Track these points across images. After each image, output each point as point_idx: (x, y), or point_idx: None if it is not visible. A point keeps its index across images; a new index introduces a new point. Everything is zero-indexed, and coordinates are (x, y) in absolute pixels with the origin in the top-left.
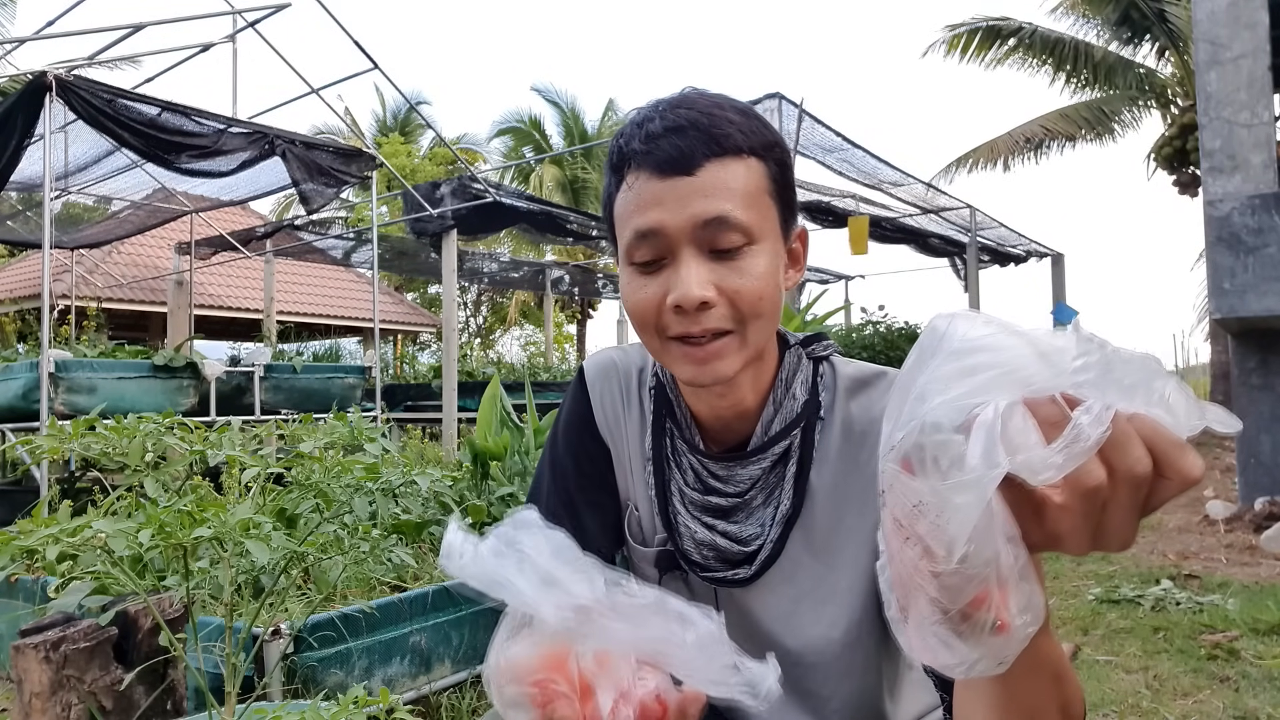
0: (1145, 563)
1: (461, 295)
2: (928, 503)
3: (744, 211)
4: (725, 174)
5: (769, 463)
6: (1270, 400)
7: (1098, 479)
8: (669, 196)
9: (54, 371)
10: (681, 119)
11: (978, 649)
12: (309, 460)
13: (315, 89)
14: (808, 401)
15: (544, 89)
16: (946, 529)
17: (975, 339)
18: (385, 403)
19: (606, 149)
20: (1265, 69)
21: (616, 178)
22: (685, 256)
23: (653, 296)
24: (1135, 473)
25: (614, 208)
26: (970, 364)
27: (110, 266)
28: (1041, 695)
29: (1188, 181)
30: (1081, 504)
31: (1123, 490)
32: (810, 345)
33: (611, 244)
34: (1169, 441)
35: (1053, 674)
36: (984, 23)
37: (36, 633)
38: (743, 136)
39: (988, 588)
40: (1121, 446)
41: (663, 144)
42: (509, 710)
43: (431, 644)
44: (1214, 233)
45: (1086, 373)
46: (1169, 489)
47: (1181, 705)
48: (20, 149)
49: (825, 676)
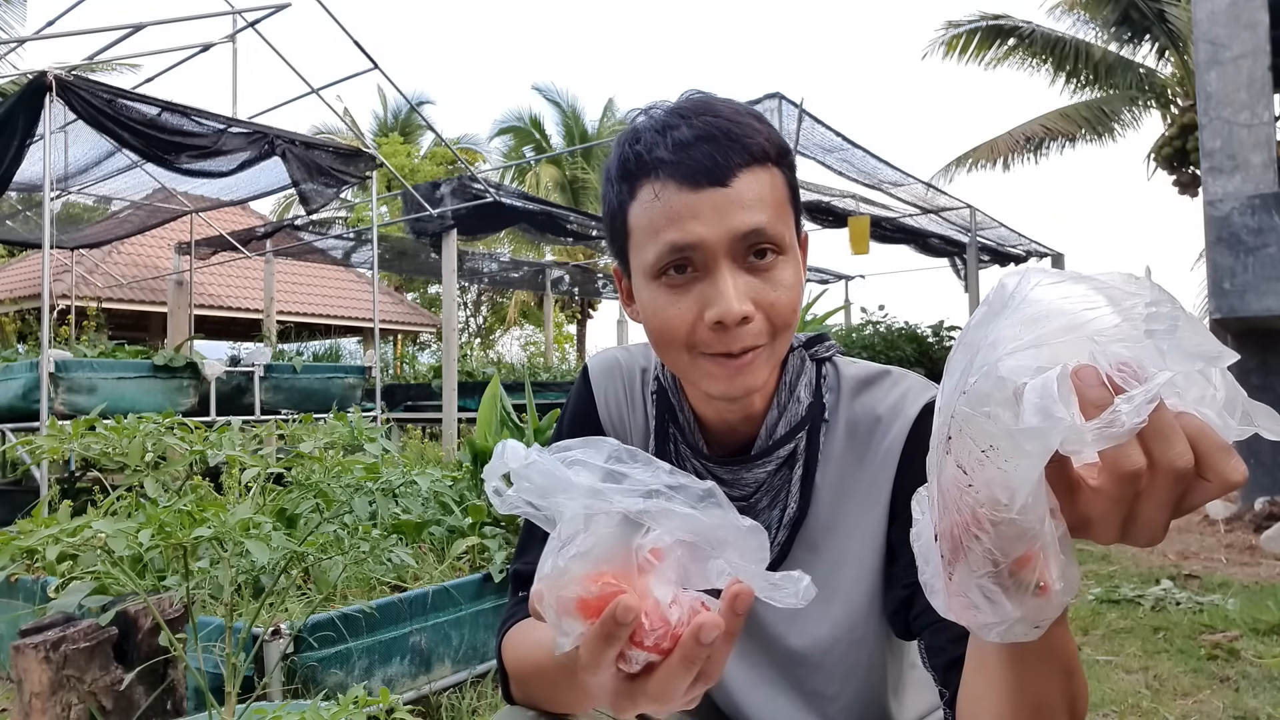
0: (1145, 563)
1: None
2: (1000, 446)
3: (776, 223)
4: (757, 184)
5: (774, 466)
6: (1270, 400)
7: (1136, 464)
8: (705, 209)
9: (54, 371)
10: (711, 126)
11: (1019, 608)
12: (309, 460)
13: (315, 89)
14: (812, 404)
15: (544, 88)
16: (1013, 475)
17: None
18: (385, 403)
19: (607, 150)
20: (1265, 69)
21: (630, 186)
22: (723, 270)
23: (686, 312)
24: (1175, 466)
25: (629, 217)
26: (1039, 313)
27: (110, 266)
28: (1051, 687)
29: (1188, 181)
30: (1117, 489)
31: (1160, 482)
32: (813, 347)
33: (619, 255)
34: (1213, 443)
35: (1064, 667)
36: (984, 21)
37: (36, 633)
38: (768, 144)
39: (1035, 549)
40: (1165, 438)
41: (694, 153)
42: (562, 619)
43: (431, 644)
44: (1214, 233)
45: (1157, 322)
46: (1208, 490)
47: (1181, 705)
48: (21, 149)
49: (830, 676)
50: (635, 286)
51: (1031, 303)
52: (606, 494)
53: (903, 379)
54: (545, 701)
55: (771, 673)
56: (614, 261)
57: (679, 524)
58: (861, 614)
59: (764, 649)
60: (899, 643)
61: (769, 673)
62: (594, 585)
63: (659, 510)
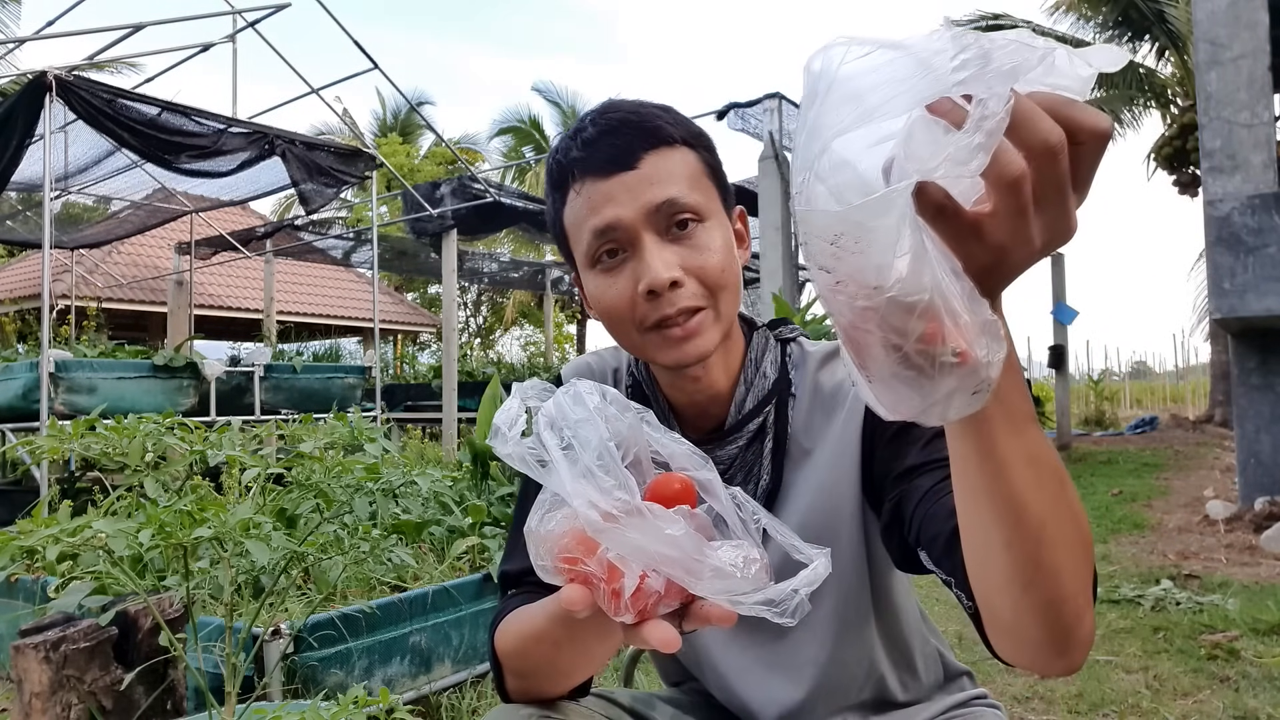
0: (1145, 563)
1: (461, 295)
2: (844, 233)
3: (690, 193)
4: (664, 162)
5: (744, 441)
6: (1270, 400)
7: (1019, 167)
8: (618, 191)
9: (54, 371)
10: (613, 120)
11: (945, 382)
12: (309, 460)
13: (315, 89)
14: (778, 379)
15: (544, 88)
16: (870, 256)
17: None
18: (385, 403)
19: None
20: (1265, 69)
21: (560, 193)
22: (646, 243)
23: (623, 291)
24: (1050, 143)
25: (564, 221)
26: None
27: (110, 266)
28: (1049, 496)
29: (1188, 181)
30: (1012, 200)
31: (1045, 168)
32: (777, 328)
33: (569, 263)
34: (1068, 104)
35: (1054, 473)
36: (983, 21)
37: (36, 633)
38: (672, 128)
39: (937, 322)
40: (1029, 123)
41: (601, 145)
42: (546, 574)
43: (431, 644)
44: (1214, 233)
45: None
46: (1087, 154)
47: (1181, 705)
48: (20, 149)
49: (820, 645)
50: (584, 283)
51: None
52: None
53: None
54: (547, 674)
55: (763, 652)
56: (572, 272)
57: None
58: (846, 572)
59: (753, 628)
60: (897, 623)
61: (761, 652)
62: (564, 563)
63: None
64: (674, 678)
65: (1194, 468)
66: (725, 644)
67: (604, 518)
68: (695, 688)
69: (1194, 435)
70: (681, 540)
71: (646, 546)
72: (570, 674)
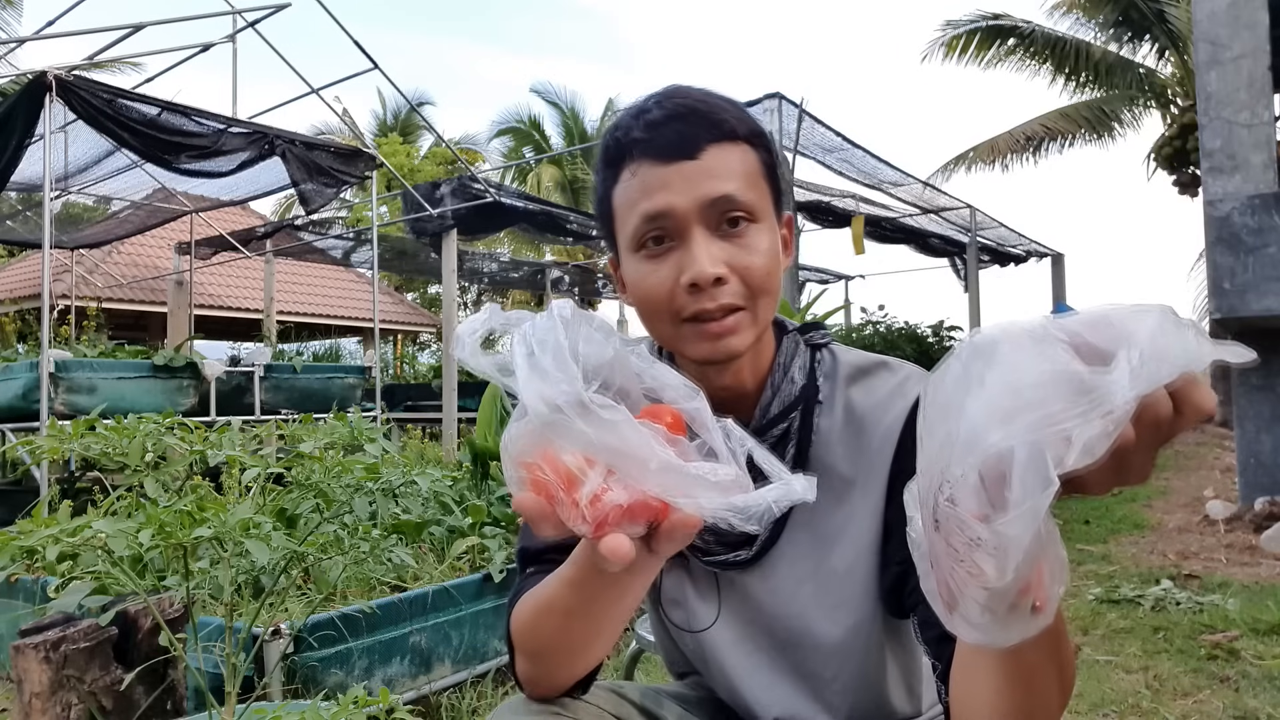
0: (1145, 563)
1: (461, 295)
2: (985, 539)
3: (746, 191)
4: (726, 157)
5: (767, 446)
6: (1270, 400)
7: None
8: (675, 179)
9: (54, 371)
10: (680, 106)
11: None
12: (309, 460)
13: (315, 89)
14: (805, 386)
15: (543, 89)
16: (1005, 559)
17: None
18: (385, 403)
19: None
20: (1265, 69)
21: (613, 171)
22: (695, 236)
23: (665, 280)
24: (1158, 416)
25: (613, 200)
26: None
27: (110, 266)
28: (1041, 656)
29: (1188, 181)
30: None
31: (1146, 435)
32: (808, 333)
33: (609, 242)
34: (1193, 384)
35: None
36: (983, 21)
37: (36, 633)
38: (737, 123)
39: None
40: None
41: (665, 130)
42: (514, 486)
43: (431, 644)
44: (1214, 233)
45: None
46: (1183, 424)
47: (1181, 705)
48: (20, 149)
49: (828, 657)
50: (623, 265)
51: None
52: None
53: (900, 368)
54: (556, 650)
55: (770, 656)
56: (610, 253)
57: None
58: (859, 598)
59: (762, 632)
60: (907, 634)
61: (767, 657)
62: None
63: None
64: (679, 668)
65: (1194, 468)
66: (733, 643)
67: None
68: (701, 682)
69: (1194, 435)
70: (623, 427)
71: (593, 439)
72: (579, 651)
